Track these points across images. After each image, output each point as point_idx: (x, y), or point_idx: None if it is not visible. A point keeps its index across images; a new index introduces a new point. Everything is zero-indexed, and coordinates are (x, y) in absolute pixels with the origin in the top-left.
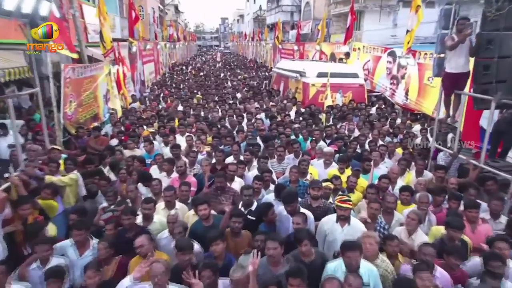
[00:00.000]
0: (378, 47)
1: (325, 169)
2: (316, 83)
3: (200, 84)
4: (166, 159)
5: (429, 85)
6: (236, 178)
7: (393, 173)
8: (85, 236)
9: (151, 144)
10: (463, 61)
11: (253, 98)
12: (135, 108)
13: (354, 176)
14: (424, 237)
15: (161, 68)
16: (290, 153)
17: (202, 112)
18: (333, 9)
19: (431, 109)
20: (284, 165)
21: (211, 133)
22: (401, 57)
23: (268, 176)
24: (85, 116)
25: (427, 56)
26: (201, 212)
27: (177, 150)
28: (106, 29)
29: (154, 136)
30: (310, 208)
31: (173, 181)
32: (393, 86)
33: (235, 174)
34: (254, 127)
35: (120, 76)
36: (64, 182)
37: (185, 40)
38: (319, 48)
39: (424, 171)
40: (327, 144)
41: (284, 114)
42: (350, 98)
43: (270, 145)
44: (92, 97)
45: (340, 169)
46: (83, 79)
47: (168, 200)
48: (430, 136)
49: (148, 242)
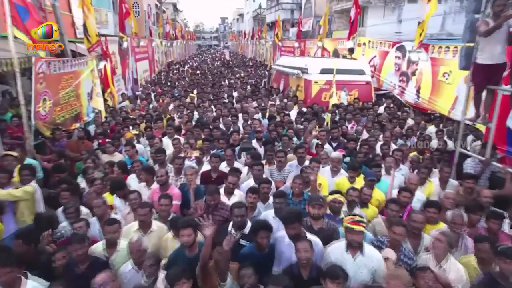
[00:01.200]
0: (386, 42)
1: (332, 177)
2: (319, 80)
3: (196, 83)
4: (143, 167)
5: (445, 81)
6: (236, 191)
7: (412, 183)
8: (13, 275)
9: (133, 148)
10: (499, 50)
11: (251, 97)
12: (123, 107)
13: (368, 187)
14: (457, 266)
15: (156, 66)
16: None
17: (196, 112)
18: (335, 5)
19: (447, 108)
20: (285, 173)
21: (200, 135)
22: (412, 52)
23: (266, 188)
24: (64, 116)
25: (442, 50)
26: (183, 238)
27: (161, 155)
28: (91, 21)
29: (138, 139)
30: (310, 231)
31: (153, 194)
32: (402, 83)
33: (234, 188)
34: (252, 128)
35: (108, 72)
36: (16, 197)
37: (183, 38)
38: (321, 44)
39: (449, 180)
40: (333, 147)
41: (284, 114)
42: (356, 96)
43: (269, 149)
44: (74, 95)
45: (350, 178)
46: (61, 75)
47: (143, 219)
48: (448, 139)
49: (111, 280)
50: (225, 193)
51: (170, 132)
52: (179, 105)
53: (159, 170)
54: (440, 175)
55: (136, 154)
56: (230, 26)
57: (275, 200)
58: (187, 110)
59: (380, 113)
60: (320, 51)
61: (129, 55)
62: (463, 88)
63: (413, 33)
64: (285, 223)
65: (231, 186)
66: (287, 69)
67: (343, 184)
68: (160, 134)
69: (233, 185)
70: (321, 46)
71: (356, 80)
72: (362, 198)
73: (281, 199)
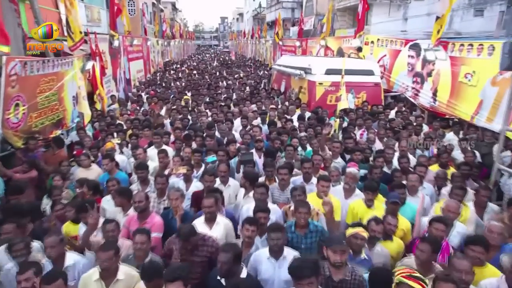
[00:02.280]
0: (397, 40)
1: (345, 199)
2: (324, 82)
3: (192, 84)
4: (118, 189)
5: (467, 83)
6: (219, 217)
7: (451, 211)
8: None
9: (112, 162)
10: None
11: (250, 100)
12: (111, 110)
13: (392, 214)
14: None
15: (152, 66)
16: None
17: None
18: (338, 2)
19: (469, 113)
20: (289, 193)
21: (189, 144)
22: (428, 50)
23: (263, 217)
24: (43, 123)
25: (464, 48)
26: None
27: (142, 172)
28: (74, 16)
29: (122, 148)
30: (330, 283)
31: (129, 221)
32: (416, 85)
33: (214, 212)
34: (251, 136)
35: (97, 73)
36: None
37: (181, 37)
38: (324, 43)
39: (488, 204)
40: (345, 161)
41: (285, 119)
42: (364, 99)
43: (269, 164)
44: (55, 99)
45: (368, 201)
46: (40, 77)
47: (105, 266)
48: (471, 148)
49: None
50: (205, 222)
51: (157, 141)
52: (171, 109)
53: (137, 194)
54: (477, 198)
55: (115, 169)
56: (230, 25)
57: (271, 235)
58: (180, 114)
59: (393, 119)
60: (323, 50)
61: (121, 54)
62: (490, 91)
63: (419, 32)
64: (298, 278)
65: (208, 211)
66: (288, 69)
67: (359, 208)
68: (146, 143)
69: (209, 208)
70: (324, 45)
71: (365, 82)
72: (387, 229)
73: (278, 234)
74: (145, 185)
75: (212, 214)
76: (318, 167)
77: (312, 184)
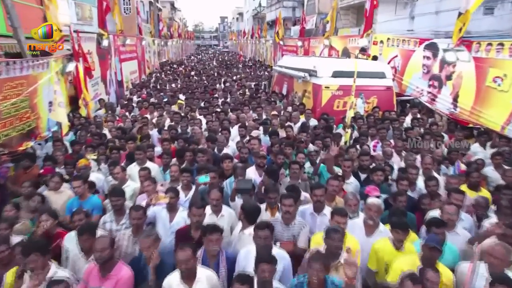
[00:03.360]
0: (411, 39)
1: (367, 236)
2: (330, 86)
3: (188, 86)
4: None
5: (496, 88)
6: (199, 269)
7: (497, 257)
8: None
9: (85, 184)
10: None
11: (249, 105)
12: (97, 116)
13: (432, 266)
14: None
15: (147, 66)
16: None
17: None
18: (341, 0)
19: (500, 123)
20: (296, 228)
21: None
22: (448, 51)
23: (268, 271)
24: (8, 134)
25: (492, 48)
26: None
27: (118, 199)
28: (53, 12)
29: (100, 165)
30: None
31: (87, 275)
32: (433, 89)
33: (193, 266)
34: (249, 150)
35: (81, 75)
36: None
37: (180, 37)
38: (328, 43)
39: None
40: (360, 181)
41: (288, 127)
42: (375, 104)
43: (271, 189)
44: (26, 106)
45: (397, 242)
46: (4, 81)
47: None
48: None
49: None
50: (181, 279)
51: (140, 157)
52: (160, 115)
53: (98, 240)
54: None
55: (87, 193)
56: (229, 25)
57: None
58: (171, 121)
59: (410, 128)
60: (327, 50)
61: (111, 55)
62: None
63: (426, 31)
64: None
65: (184, 267)
66: (291, 71)
67: (385, 250)
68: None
69: (185, 264)
70: (329, 44)
71: (375, 85)
72: (428, 286)
73: None
74: (120, 216)
75: (190, 270)
76: (334, 194)
77: (324, 215)
